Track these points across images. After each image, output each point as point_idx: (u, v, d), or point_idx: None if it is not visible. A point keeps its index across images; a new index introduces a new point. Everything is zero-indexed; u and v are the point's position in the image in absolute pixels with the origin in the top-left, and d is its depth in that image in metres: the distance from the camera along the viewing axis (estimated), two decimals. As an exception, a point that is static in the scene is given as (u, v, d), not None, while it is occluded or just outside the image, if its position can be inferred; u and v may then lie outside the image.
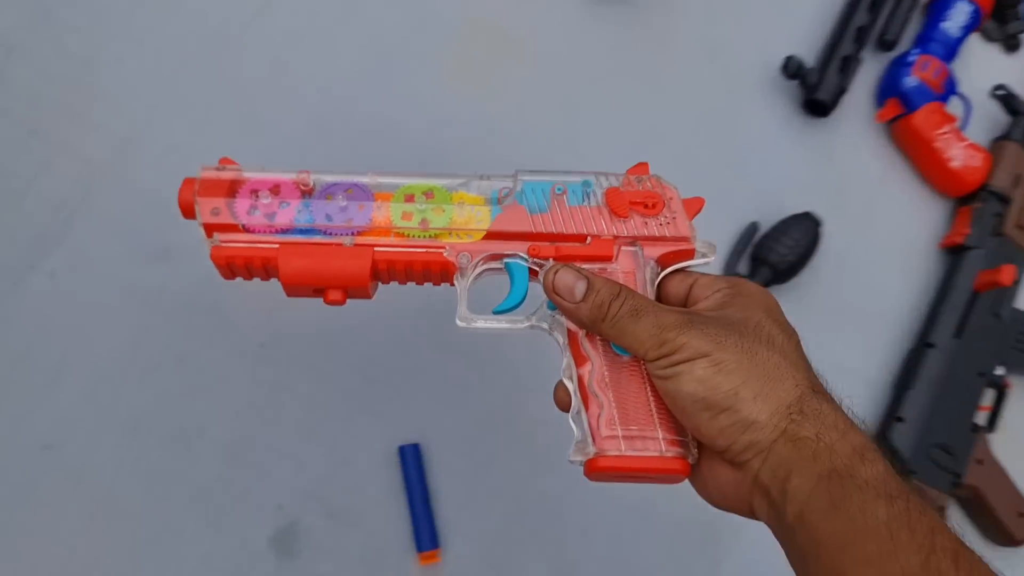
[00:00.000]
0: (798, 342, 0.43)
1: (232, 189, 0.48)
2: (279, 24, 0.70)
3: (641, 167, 0.52)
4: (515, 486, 0.66)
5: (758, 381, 0.40)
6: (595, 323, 0.44)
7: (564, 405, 0.47)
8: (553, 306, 0.48)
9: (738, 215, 0.75)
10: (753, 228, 0.74)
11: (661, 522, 0.67)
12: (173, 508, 0.60)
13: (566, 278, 0.45)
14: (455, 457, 0.65)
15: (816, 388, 0.40)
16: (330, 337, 0.65)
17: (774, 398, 0.39)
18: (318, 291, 0.49)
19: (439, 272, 0.49)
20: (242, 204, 0.48)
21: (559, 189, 0.50)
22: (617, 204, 0.50)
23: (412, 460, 0.63)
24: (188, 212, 0.49)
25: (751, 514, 0.41)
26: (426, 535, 0.62)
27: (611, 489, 0.67)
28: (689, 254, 0.50)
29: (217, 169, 0.49)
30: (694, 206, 0.51)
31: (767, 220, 0.74)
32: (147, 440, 0.61)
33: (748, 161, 0.77)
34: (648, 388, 0.46)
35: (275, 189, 0.49)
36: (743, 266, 0.73)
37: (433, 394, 0.66)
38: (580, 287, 0.45)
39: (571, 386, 0.47)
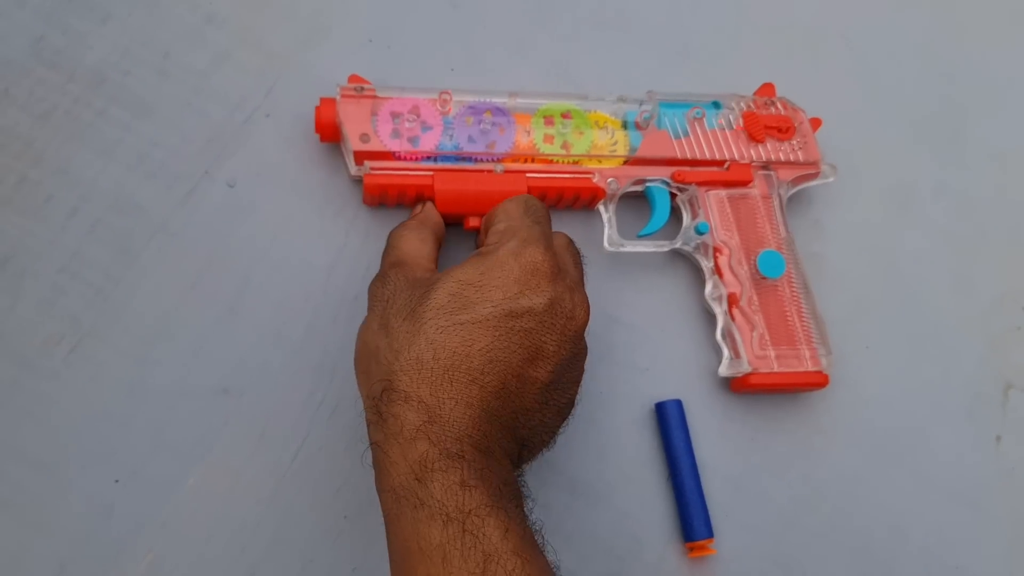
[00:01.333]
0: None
1: (372, 112, 0.47)
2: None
3: (767, 88, 0.52)
4: (802, 461, 0.51)
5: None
6: None
7: None
8: (703, 229, 0.49)
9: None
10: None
11: (1002, 516, 0.51)
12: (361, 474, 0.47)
13: None
14: (721, 419, 0.51)
15: (397, 385, 0.36)
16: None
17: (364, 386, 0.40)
18: (459, 217, 0.47)
19: (588, 197, 0.49)
20: (384, 128, 0.47)
21: (697, 113, 0.49)
22: (755, 128, 0.49)
23: (675, 420, 0.49)
24: (327, 135, 0.48)
25: None
26: (699, 520, 0.47)
27: (926, 470, 0.52)
28: (815, 176, 0.51)
29: (355, 90, 0.47)
30: (814, 125, 0.51)
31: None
32: (344, 386, 0.49)
33: None
34: (792, 308, 0.48)
35: (415, 110, 0.47)
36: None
37: (695, 340, 0.52)
38: None
39: (718, 309, 0.49)
